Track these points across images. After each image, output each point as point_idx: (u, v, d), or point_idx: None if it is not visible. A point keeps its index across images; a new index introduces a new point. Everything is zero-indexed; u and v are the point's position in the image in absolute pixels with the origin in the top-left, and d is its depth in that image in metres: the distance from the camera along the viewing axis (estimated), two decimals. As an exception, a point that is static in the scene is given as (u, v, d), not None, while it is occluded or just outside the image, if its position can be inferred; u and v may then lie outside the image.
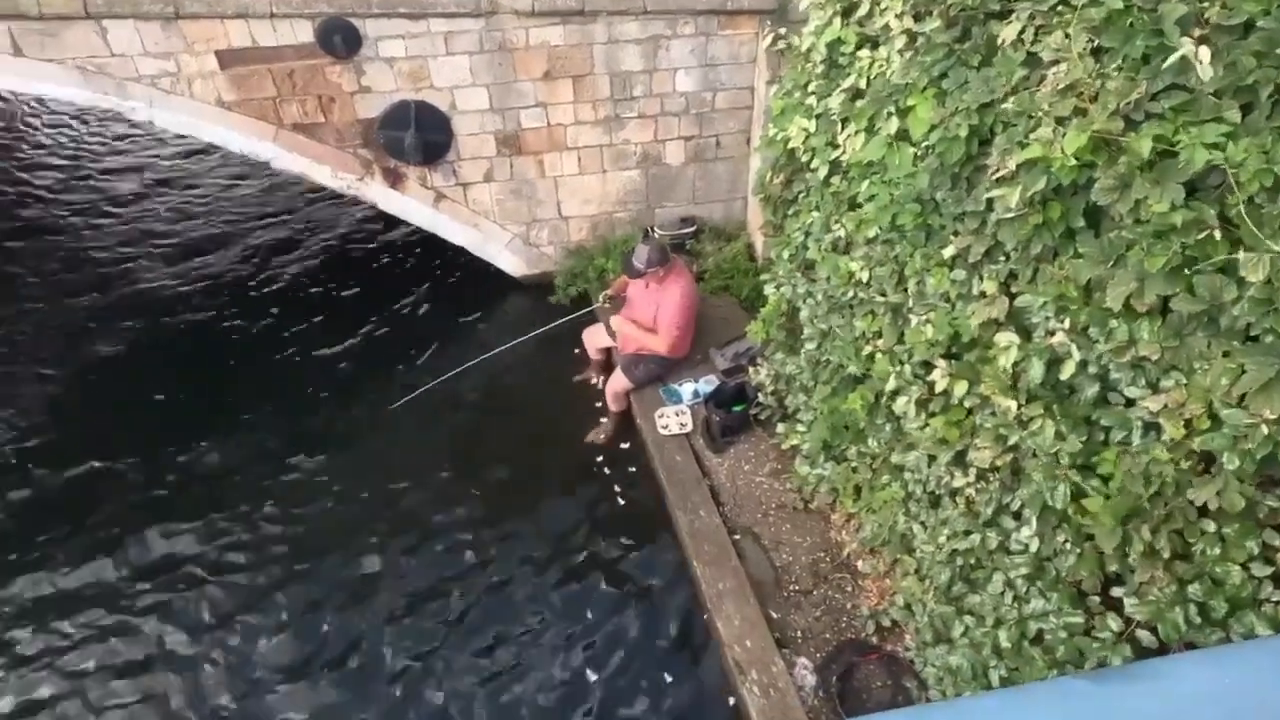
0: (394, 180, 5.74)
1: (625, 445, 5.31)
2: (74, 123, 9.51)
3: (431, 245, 6.56)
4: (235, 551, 4.78)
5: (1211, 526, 2.30)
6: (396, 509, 4.99)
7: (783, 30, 4.69)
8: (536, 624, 4.37)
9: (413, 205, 5.90)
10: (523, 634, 4.33)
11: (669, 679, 4.09)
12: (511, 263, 6.40)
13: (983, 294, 2.89)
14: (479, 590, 4.54)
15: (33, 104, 9.66)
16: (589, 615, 4.40)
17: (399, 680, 4.15)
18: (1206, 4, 2.21)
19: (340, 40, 5.00)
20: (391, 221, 6.66)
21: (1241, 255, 1.99)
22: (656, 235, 5.67)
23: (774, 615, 3.97)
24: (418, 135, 5.43)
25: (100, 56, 4.84)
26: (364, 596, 4.53)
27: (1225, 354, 2.14)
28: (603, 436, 5.39)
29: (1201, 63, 2.03)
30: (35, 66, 4.79)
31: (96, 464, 5.30)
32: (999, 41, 2.72)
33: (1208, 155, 2.03)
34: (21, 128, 9.45)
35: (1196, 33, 2.14)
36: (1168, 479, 2.30)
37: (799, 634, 3.90)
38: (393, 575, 4.64)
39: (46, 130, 9.44)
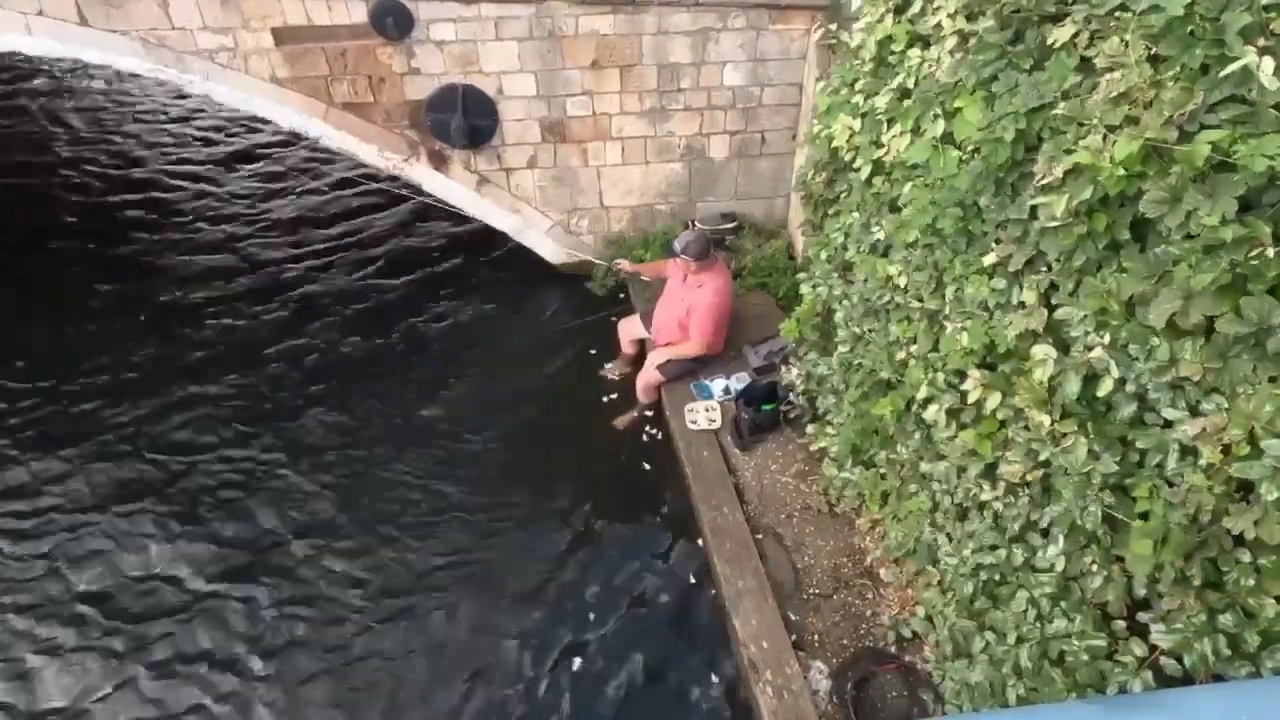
0: (438, 162, 5.79)
1: (653, 438, 5.31)
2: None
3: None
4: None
5: (1247, 556, 2.21)
6: (417, 494, 5.08)
7: (833, 26, 4.63)
8: (552, 611, 4.40)
9: (456, 188, 5.95)
10: (538, 619, 4.36)
11: (682, 673, 4.09)
12: (551, 250, 6.42)
13: (1022, 304, 2.81)
14: (494, 571, 4.59)
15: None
16: (604, 605, 4.41)
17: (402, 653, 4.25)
18: (1273, 14, 2.11)
19: (393, 22, 5.05)
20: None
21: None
22: (698, 229, 5.65)
23: (792, 617, 3.94)
24: (464, 119, 5.47)
25: (161, 29, 4.95)
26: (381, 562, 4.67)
27: (1271, 379, 2.06)
28: (630, 427, 5.39)
29: (1264, 74, 1.94)
30: (100, 37, 4.92)
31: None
32: (1052, 45, 2.64)
33: (1268, 162, 1.94)
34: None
35: (1260, 43, 2.05)
36: (1205, 507, 2.22)
37: (816, 638, 3.87)
38: (412, 545, 4.75)
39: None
